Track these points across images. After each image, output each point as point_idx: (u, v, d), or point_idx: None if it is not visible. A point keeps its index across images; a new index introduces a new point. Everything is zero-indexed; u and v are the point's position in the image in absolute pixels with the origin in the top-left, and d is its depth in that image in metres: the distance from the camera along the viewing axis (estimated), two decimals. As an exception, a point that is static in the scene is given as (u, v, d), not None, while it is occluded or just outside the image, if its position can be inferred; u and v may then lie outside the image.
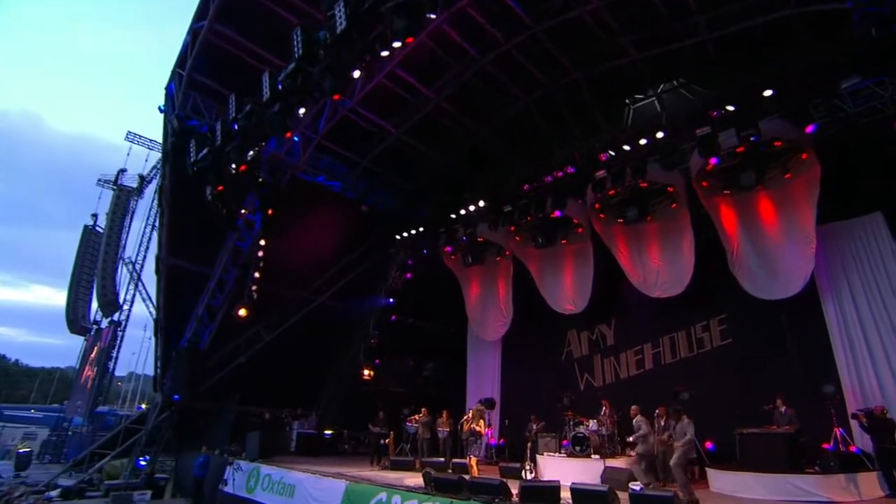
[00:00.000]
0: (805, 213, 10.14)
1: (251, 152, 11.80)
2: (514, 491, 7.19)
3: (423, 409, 12.66)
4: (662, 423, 8.82)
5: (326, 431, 16.82)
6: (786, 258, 10.32)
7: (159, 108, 13.06)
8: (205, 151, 11.62)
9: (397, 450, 13.58)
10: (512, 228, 13.63)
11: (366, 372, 17.29)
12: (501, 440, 14.19)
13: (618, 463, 8.88)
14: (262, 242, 14.01)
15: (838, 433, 8.67)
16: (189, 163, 11.95)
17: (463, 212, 13.52)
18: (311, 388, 17.73)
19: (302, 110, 10.55)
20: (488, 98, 13.72)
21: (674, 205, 12.01)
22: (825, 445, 8.67)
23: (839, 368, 9.72)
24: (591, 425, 10.06)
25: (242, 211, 13.75)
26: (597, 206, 12.24)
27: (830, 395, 9.01)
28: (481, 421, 8.43)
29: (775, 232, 10.67)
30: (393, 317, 17.32)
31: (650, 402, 9.72)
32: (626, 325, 13.62)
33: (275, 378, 16.29)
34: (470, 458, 8.50)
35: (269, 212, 13.98)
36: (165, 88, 12.89)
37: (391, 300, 17.06)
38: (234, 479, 11.18)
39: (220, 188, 12.20)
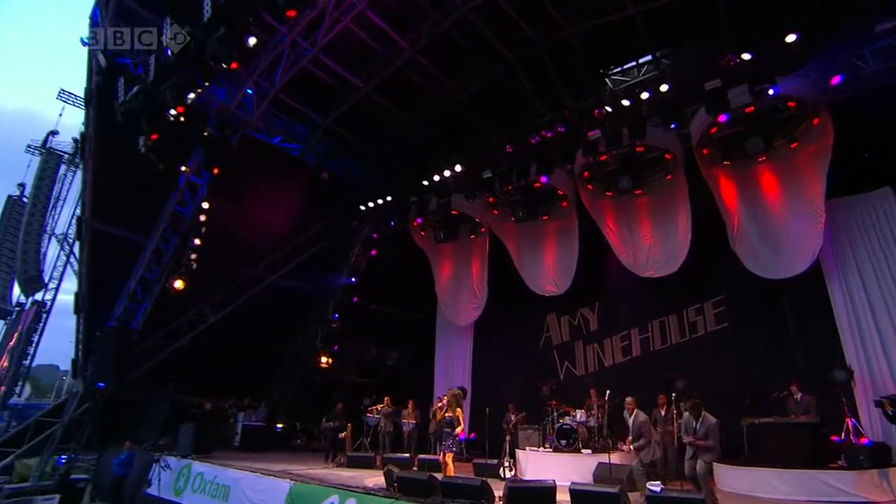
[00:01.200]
0: (813, 186, 9.28)
1: (192, 94, 10.07)
2: (498, 493, 5.89)
3: (385, 399, 11.25)
4: (663, 413, 7.70)
5: (278, 425, 15.14)
6: (791, 234, 9.45)
7: (82, 41, 11.00)
8: (135, 90, 9.81)
9: (356, 444, 12.12)
10: (490, 199, 12.34)
11: (323, 359, 15.66)
12: (472, 434, 12.93)
13: (611, 458, 7.67)
14: (206, 206, 12.16)
15: (850, 424, 7.80)
16: (117, 104, 10.11)
17: (437, 178, 12.06)
18: (262, 376, 15.94)
19: (252, 40, 8.88)
20: (469, 54, 12.29)
21: (669, 176, 11.00)
22: (834, 438, 7.82)
23: (846, 353, 8.89)
24: (578, 416, 8.89)
25: (183, 169, 11.90)
26: (586, 174, 11.09)
27: (842, 382, 8.14)
28: (458, 409, 7.10)
29: (779, 206, 9.78)
30: (355, 298, 15.72)
31: (637, 392, 8.59)
32: (611, 308, 12.58)
33: (220, 364, 14.41)
34: (443, 455, 7.12)
35: (215, 171, 12.18)
36: (90, 17, 10.87)
37: (353, 279, 15.43)
38: (159, 479, 9.44)
39: (155, 137, 10.38)
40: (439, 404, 7.35)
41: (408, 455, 9.80)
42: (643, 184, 11.39)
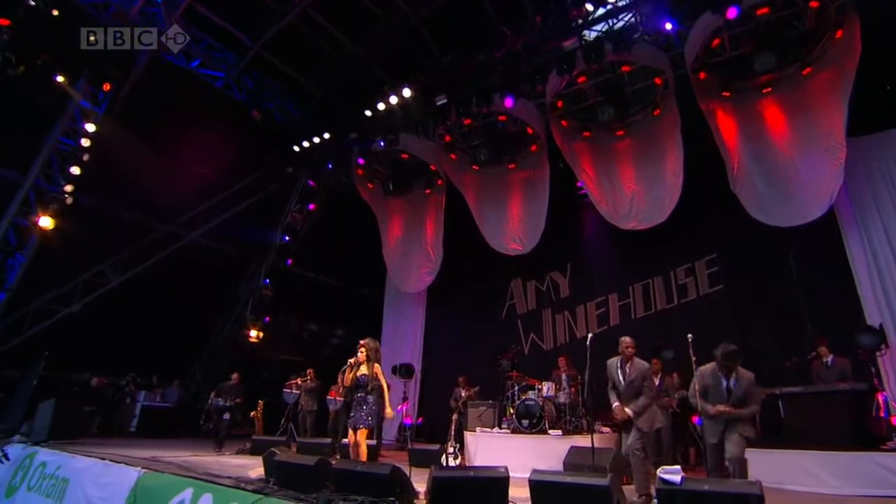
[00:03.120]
0: (831, 116, 7.69)
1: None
2: (422, 488, 3.93)
3: (308, 372, 9.14)
4: (657, 383, 5.93)
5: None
6: (803, 174, 7.84)
7: None
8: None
9: (282, 428, 10.02)
10: (447, 139, 10.34)
11: (252, 333, 13.38)
12: (420, 419, 10.97)
13: (585, 441, 5.82)
14: (91, 128, 9.71)
15: (880, 399, 6.18)
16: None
17: (382, 107, 9.94)
18: (177, 351, 13.53)
19: None
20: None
21: (657, 111, 9.27)
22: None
23: (867, 315, 7.34)
24: (545, 389, 7.02)
25: (60, 79, 9.40)
26: (559, 103, 9.22)
27: (870, 347, 6.53)
28: (376, 365, 5.09)
29: (789, 142, 8.17)
30: (289, 261, 13.46)
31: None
32: (585, 271, 10.79)
33: (122, 336, 12.00)
34: (356, 434, 5.06)
35: (107, 86, 9.79)
36: None
37: (286, 238, 13.16)
38: (-10, 474, 7.03)
39: (6, 22, 7.93)
40: (352, 360, 5.35)
41: (330, 440, 7.74)
42: (626, 123, 9.66)
